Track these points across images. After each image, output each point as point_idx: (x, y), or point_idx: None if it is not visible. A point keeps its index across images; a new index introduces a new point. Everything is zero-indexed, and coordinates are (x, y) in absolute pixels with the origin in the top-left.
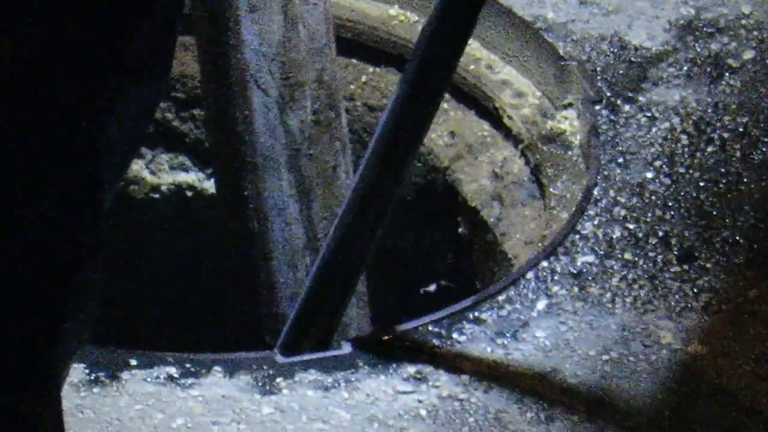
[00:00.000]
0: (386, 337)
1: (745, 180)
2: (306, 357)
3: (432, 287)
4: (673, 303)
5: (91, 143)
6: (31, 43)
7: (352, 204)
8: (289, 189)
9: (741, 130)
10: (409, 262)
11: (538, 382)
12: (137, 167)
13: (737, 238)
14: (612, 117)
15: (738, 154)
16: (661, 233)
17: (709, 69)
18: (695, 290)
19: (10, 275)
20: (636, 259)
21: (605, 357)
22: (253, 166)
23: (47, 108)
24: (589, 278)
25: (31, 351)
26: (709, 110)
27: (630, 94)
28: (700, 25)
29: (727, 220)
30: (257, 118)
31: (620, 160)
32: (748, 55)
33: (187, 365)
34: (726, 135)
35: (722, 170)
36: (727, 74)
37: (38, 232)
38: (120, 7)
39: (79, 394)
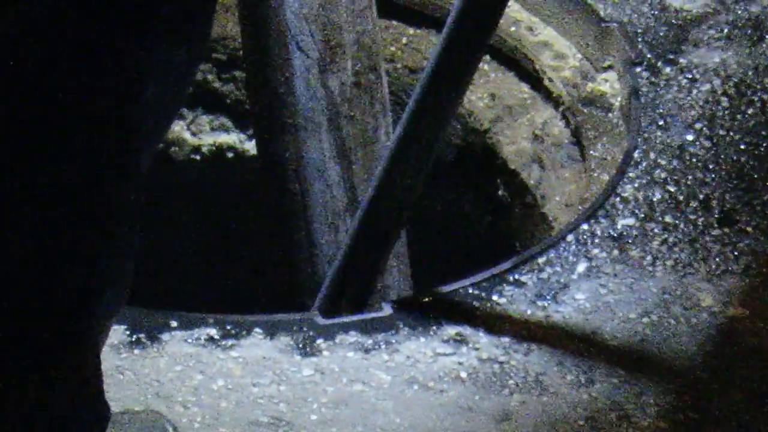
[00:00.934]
0: (426, 299)
1: None
2: (346, 319)
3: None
4: (713, 266)
5: (127, 105)
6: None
7: (388, 163)
8: (329, 151)
9: None
10: (448, 224)
11: (578, 344)
12: (178, 128)
13: None
14: (652, 79)
15: None
16: (701, 196)
17: (749, 31)
18: (735, 253)
19: (49, 234)
20: (676, 221)
21: (645, 320)
22: (294, 128)
23: (80, 69)
24: (629, 241)
25: (70, 310)
26: (750, 72)
27: (670, 56)
28: None
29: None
30: (298, 81)
31: (660, 122)
32: None
33: (227, 327)
34: (766, 97)
35: (763, 132)
36: (767, 36)
37: (76, 192)
38: None
39: (119, 355)
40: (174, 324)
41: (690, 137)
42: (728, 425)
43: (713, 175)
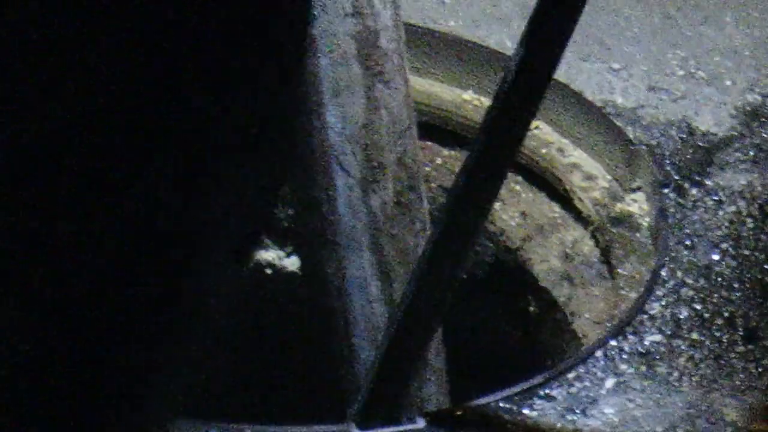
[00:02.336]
0: (459, 413)
1: None
2: (380, 430)
3: None
4: (737, 382)
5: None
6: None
7: (425, 272)
8: (370, 268)
9: None
10: (480, 339)
11: None
12: None
13: None
14: (680, 200)
15: None
16: (726, 314)
17: None
18: (759, 369)
19: None
20: (702, 338)
21: None
22: (336, 245)
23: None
24: (657, 357)
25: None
26: None
27: (697, 178)
28: (766, 111)
29: None
30: (340, 199)
31: (687, 242)
32: None
33: None
34: None
35: None
36: None
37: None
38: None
39: None
40: None
41: (716, 257)
42: None
43: (738, 294)
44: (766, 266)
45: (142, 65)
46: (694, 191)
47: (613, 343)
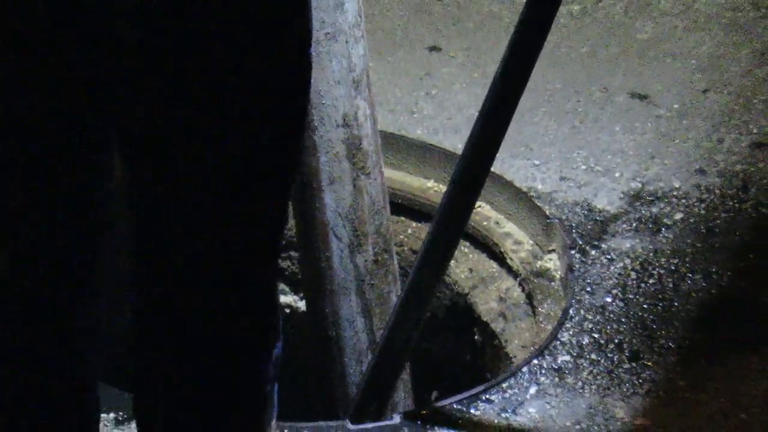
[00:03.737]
0: (424, 411)
1: (675, 304)
2: (368, 425)
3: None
4: (624, 389)
5: None
6: None
7: (398, 313)
8: (356, 308)
9: (672, 269)
10: (438, 361)
11: None
12: None
13: (671, 344)
14: (582, 258)
15: (671, 285)
16: (616, 341)
17: (650, 225)
18: (640, 381)
19: None
20: (599, 358)
21: (577, 427)
22: (331, 292)
23: None
24: (566, 372)
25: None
26: (651, 254)
27: (595, 243)
28: (644, 194)
29: (663, 332)
30: (334, 258)
31: (588, 289)
32: (678, 216)
33: (285, 431)
34: (662, 272)
35: (659, 296)
36: (663, 229)
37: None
38: None
39: None
40: None
41: (609, 299)
42: None
43: (624, 326)
44: (645, 306)
45: None
46: (593, 252)
47: (535, 361)
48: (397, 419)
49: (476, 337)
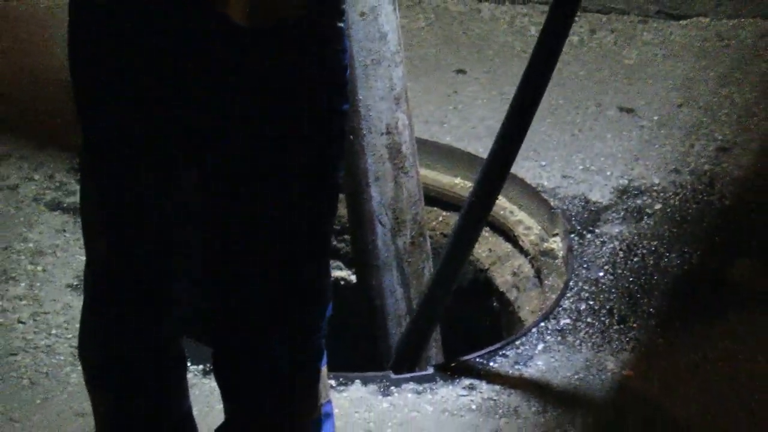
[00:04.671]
0: (452, 364)
1: (655, 277)
2: (407, 375)
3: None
4: (614, 346)
5: None
6: None
7: (431, 285)
8: (396, 281)
9: (653, 249)
10: (463, 324)
11: (538, 389)
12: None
13: (651, 310)
14: (580, 241)
15: (651, 262)
16: (607, 307)
17: (635, 214)
18: (627, 339)
19: None
20: (593, 321)
21: (576, 377)
22: (377, 267)
23: None
24: (567, 332)
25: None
26: (635, 238)
27: (590, 228)
28: (630, 189)
29: (645, 300)
30: (379, 241)
31: (584, 265)
32: (657, 206)
33: (341, 379)
34: (644, 252)
35: (642, 272)
36: (645, 217)
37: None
38: None
39: None
40: None
41: (601, 274)
42: None
43: (614, 296)
44: (630, 279)
45: None
46: (588, 236)
47: (542, 324)
48: (430, 370)
49: (494, 304)
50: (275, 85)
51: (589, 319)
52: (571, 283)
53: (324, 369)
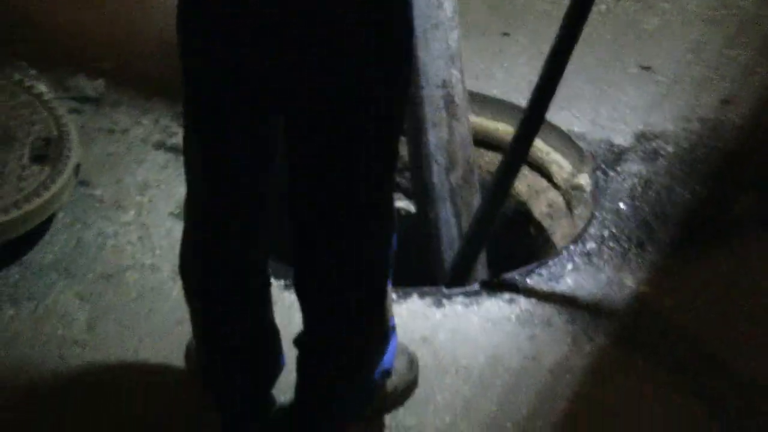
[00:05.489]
0: (495, 280)
1: (668, 209)
2: (457, 290)
3: None
4: (632, 267)
5: None
6: None
7: (478, 215)
8: (450, 211)
9: (666, 185)
10: (506, 246)
11: (567, 302)
12: None
13: (665, 237)
14: (604, 178)
15: (665, 196)
16: (627, 233)
17: (651, 155)
18: (644, 261)
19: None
20: (615, 245)
21: (600, 292)
22: (433, 200)
23: None
24: (593, 254)
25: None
26: (651, 175)
27: (613, 167)
28: (647, 134)
29: (660, 228)
30: (435, 177)
31: (608, 198)
32: (670, 149)
33: (399, 293)
34: (659, 187)
35: (657, 204)
36: (660, 158)
37: None
38: None
39: None
40: None
41: (622, 205)
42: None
43: (633, 224)
44: (646, 209)
45: None
46: (611, 173)
47: (572, 247)
48: (476, 286)
49: (531, 230)
50: (356, 44)
51: (611, 244)
52: (596, 213)
53: (389, 287)
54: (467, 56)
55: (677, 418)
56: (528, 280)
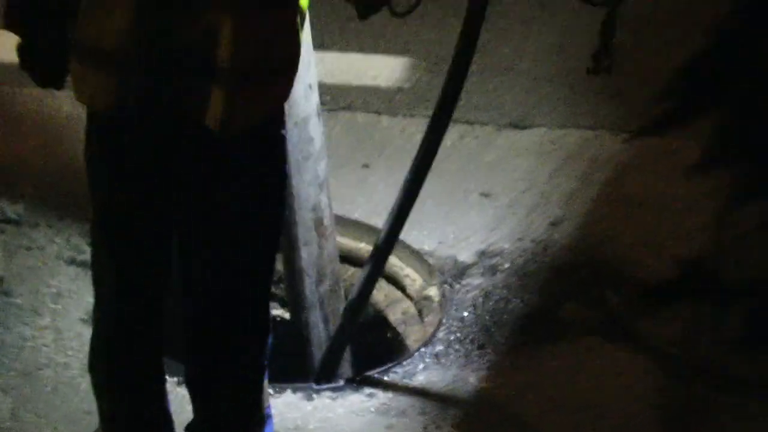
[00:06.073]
0: (358, 378)
1: (504, 315)
2: (325, 386)
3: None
4: (475, 366)
5: None
6: None
7: (340, 323)
8: (319, 318)
9: (503, 296)
10: (366, 347)
11: (420, 395)
12: None
13: (502, 339)
14: (451, 289)
15: (501, 305)
16: (470, 337)
17: (490, 271)
18: (484, 361)
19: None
20: (460, 347)
21: (447, 387)
22: (305, 308)
23: None
24: (441, 355)
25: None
26: (490, 287)
27: (458, 280)
28: (487, 252)
29: (497, 332)
30: (306, 289)
31: (454, 307)
32: (507, 265)
33: (276, 387)
34: (497, 297)
35: (495, 311)
36: (498, 273)
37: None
38: None
39: None
40: None
41: (466, 313)
42: None
43: (475, 329)
44: (487, 317)
45: None
46: (457, 286)
47: (423, 349)
48: (341, 382)
49: (388, 334)
50: (241, 173)
51: (456, 346)
52: (443, 320)
53: (266, 382)
54: (333, 184)
55: None
56: (385, 377)
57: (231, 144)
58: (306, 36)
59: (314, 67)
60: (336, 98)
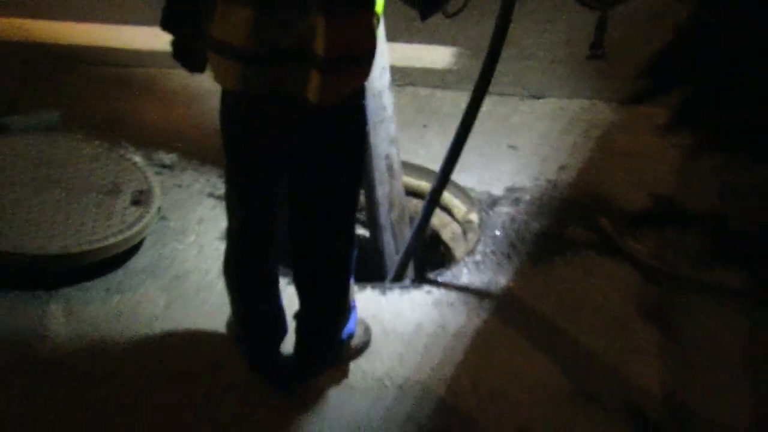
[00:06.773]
0: (419, 279)
1: (525, 235)
2: (395, 285)
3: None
4: (504, 270)
5: None
6: None
7: (408, 241)
8: (390, 236)
9: (524, 220)
10: (423, 256)
11: (464, 291)
12: None
13: (524, 252)
14: (486, 215)
15: (523, 226)
16: (500, 250)
17: (515, 202)
18: (511, 267)
19: None
20: (493, 257)
21: (483, 286)
22: (380, 229)
23: None
24: (479, 263)
25: None
26: (515, 214)
27: (492, 208)
28: (513, 188)
29: (520, 245)
30: (381, 216)
31: (488, 228)
32: (527, 197)
33: (359, 286)
34: (519, 221)
35: (518, 231)
36: (520, 203)
37: None
38: None
39: None
40: None
41: (497, 232)
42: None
43: (503, 243)
44: (512, 234)
45: None
46: (490, 213)
47: (466, 258)
48: (407, 282)
49: (441, 248)
50: (334, 136)
51: (491, 256)
52: (481, 238)
53: (352, 281)
54: (401, 139)
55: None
56: (439, 279)
57: (327, 111)
58: (381, 32)
59: (387, 54)
60: (403, 77)
